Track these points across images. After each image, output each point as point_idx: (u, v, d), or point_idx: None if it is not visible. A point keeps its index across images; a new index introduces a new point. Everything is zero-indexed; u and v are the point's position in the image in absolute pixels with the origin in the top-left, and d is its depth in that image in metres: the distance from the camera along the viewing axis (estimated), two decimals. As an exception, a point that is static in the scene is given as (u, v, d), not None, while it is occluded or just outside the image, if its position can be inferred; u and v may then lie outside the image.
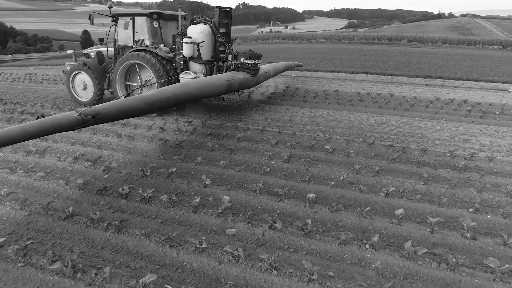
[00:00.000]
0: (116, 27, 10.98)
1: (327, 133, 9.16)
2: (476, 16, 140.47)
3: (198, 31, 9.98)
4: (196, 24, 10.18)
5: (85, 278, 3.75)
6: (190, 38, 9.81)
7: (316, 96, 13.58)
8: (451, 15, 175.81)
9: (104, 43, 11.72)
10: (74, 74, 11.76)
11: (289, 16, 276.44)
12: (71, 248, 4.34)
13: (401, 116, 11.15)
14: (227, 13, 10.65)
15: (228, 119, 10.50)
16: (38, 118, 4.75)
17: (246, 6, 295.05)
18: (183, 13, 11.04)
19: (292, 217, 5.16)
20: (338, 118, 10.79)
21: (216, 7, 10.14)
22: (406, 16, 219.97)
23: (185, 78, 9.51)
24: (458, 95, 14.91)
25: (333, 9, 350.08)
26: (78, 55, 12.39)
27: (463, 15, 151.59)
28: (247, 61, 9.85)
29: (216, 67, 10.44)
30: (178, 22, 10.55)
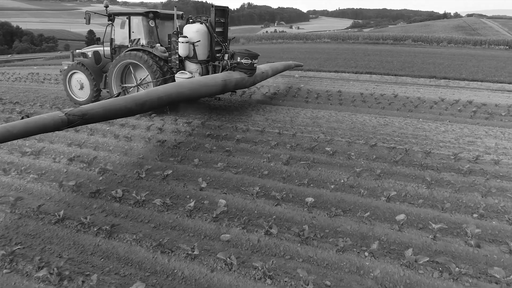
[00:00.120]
0: (113, 27, 10.89)
1: (328, 134, 8.99)
2: (482, 16, 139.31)
3: (194, 31, 9.85)
4: (192, 23, 10.04)
5: (71, 286, 3.62)
6: (186, 37, 9.69)
7: (318, 97, 13.39)
8: (457, 15, 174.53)
9: (100, 42, 11.62)
10: (71, 73, 11.67)
11: (293, 16, 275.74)
12: (60, 254, 4.21)
13: (404, 117, 10.95)
14: (223, 12, 10.50)
15: (228, 119, 10.36)
16: (22, 118, 4.62)
17: (251, 6, 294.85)
18: (179, 12, 10.92)
19: (289, 222, 4.99)
20: (340, 119, 10.61)
21: (212, 6, 9.99)
22: (411, 16, 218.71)
23: (180, 78, 9.38)
24: (463, 96, 14.65)
25: (338, 9, 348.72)
26: (75, 55, 12.28)
27: (469, 15, 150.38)
28: (243, 60, 9.70)
29: (212, 67, 10.30)
30: (174, 21, 10.42)
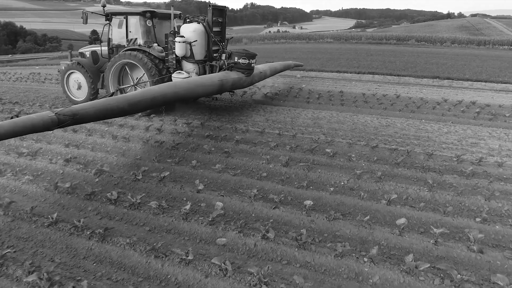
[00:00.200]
0: (110, 26, 10.83)
1: (329, 135, 8.87)
2: (486, 16, 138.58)
3: (191, 30, 9.76)
4: (189, 23, 9.95)
5: (61, 292, 3.52)
6: (183, 37, 9.60)
7: (319, 97, 13.27)
8: (460, 15, 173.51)
9: (98, 42, 11.55)
10: (69, 73, 11.62)
11: (297, 16, 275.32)
12: (52, 258, 4.12)
13: (406, 118, 10.81)
14: (221, 11, 10.40)
15: (228, 120, 10.26)
16: (12, 117, 4.54)
17: (254, 6, 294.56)
18: (177, 12, 10.84)
19: (287, 225, 4.89)
20: (342, 119, 10.48)
21: (209, 6, 9.89)
22: (415, 16, 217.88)
23: (177, 78, 9.29)
24: (467, 97, 14.49)
25: (341, 9, 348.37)
26: (73, 55, 12.26)
27: (473, 15, 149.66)
28: (240, 60, 9.59)
29: (209, 67, 10.22)
30: (171, 20, 10.35)
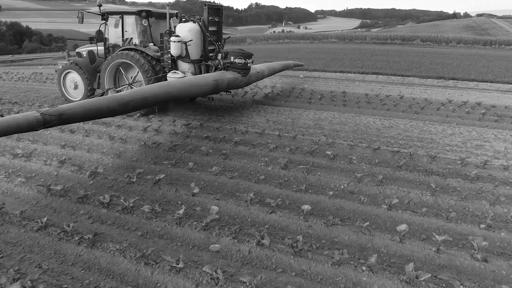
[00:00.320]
0: (106, 26, 10.73)
1: (330, 137, 8.69)
2: (493, 16, 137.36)
3: (186, 30, 9.64)
4: (185, 22, 9.82)
5: (44, 301, 3.39)
6: (178, 36, 9.48)
7: (322, 98, 13.09)
8: (466, 15, 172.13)
9: (94, 41, 11.45)
10: (65, 73, 11.54)
11: (301, 16, 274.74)
12: (39, 264, 3.99)
13: (410, 119, 10.60)
14: (217, 10, 10.27)
15: (228, 121, 10.11)
16: None
17: (259, 6, 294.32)
18: (174, 11, 10.72)
19: (284, 231, 4.73)
20: (344, 121, 10.30)
21: (205, 5, 9.75)
22: (420, 16, 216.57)
23: (172, 78, 9.17)
24: (472, 97, 14.23)
25: (346, 9, 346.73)
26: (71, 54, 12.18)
27: (479, 15, 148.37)
28: (237, 60, 9.44)
29: (205, 67, 10.09)
30: (167, 20, 10.23)
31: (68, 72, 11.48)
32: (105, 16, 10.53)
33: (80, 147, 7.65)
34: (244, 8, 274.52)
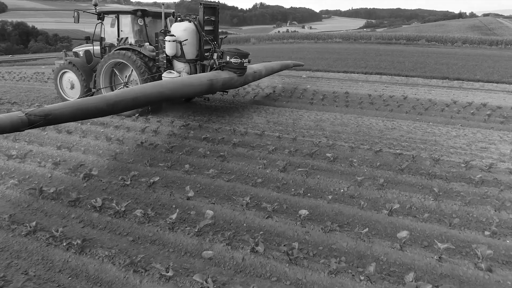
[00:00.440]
0: (102, 25, 10.63)
1: (331, 138, 8.52)
2: (499, 15, 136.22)
3: (181, 29, 9.51)
4: (181, 21, 9.69)
5: (27, 311, 3.26)
6: (173, 36, 9.35)
7: (324, 98, 12.91)
8: (472, 15, 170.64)
9: (90, 41, 11.34)
10: (62, 73, 11.45)
11: (306, 16, 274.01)
12: (26, 270, 3.87)
13: (413, 121, 10.39)
14: (213, 10, 10.12)
15: (228, 121, 9.96)
16: None
17: (263, 6, 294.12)
18: (170, 10, 10.60)
19: (280, 237, 4.57)
20: (345, 122, 10.12)
21: (200, 4, 9.61)
22: (426, 16, 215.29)
23: (167, 77, 9.05)
24: (477, 98, 13.98)
25: (351, 8, 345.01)
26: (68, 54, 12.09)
27: (485, 15, 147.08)
28: (232, 60, 9.30)
29: (201, 66, 9.95)
30: (162, 19, 10.11)
31: (65, 71, 11.38)
32: (101, 15, 10.44)
33: (76, 148, 7.53)
34: (249, 8, 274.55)
